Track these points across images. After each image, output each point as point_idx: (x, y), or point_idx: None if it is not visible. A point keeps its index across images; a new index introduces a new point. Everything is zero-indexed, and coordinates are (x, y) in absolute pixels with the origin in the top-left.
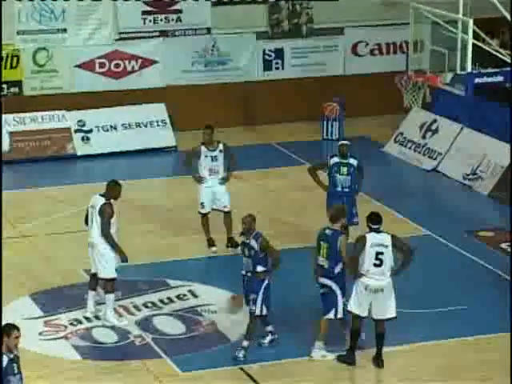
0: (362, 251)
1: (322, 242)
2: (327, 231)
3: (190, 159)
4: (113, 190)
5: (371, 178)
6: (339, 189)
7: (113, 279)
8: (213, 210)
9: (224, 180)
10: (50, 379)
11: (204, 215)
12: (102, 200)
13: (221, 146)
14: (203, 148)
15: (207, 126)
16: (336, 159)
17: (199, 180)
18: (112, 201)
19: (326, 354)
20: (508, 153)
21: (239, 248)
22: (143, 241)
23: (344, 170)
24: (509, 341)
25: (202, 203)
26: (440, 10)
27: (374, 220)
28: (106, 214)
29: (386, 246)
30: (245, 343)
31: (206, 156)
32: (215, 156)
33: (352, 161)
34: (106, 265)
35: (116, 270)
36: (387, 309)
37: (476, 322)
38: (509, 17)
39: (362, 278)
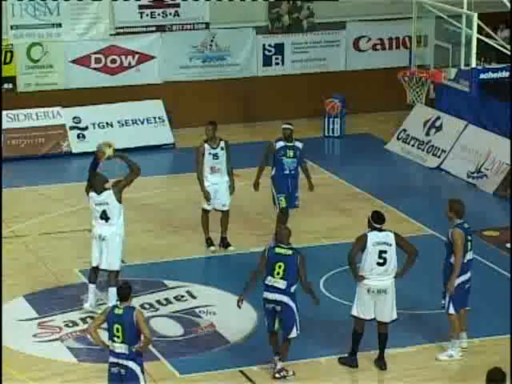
0: (363, 251)
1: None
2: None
3: (199, 161)
4: (99, 181)
5: (373, 175)
6: (286, 171)
7: (119, 271)
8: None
9: (232, 188)
10: (44, 382)
11: (206, 212)
12: (109, 191)
13: (222, 144)
14: (206, 145)
15: (211, 122)
16: (281, 143)
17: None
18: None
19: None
20: None
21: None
22: (140, 240)
23: (290, 153)
24: None
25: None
26: (444, 4)
27: (377, 219)
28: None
29: (390, 245)
30: None
31: (210, 153)
32: (216, 154)
33: (297, 143)
34: (118, 256)
35: None
36: (391, 311)
37: (481, 324)
38: None
39: (363, 280)
